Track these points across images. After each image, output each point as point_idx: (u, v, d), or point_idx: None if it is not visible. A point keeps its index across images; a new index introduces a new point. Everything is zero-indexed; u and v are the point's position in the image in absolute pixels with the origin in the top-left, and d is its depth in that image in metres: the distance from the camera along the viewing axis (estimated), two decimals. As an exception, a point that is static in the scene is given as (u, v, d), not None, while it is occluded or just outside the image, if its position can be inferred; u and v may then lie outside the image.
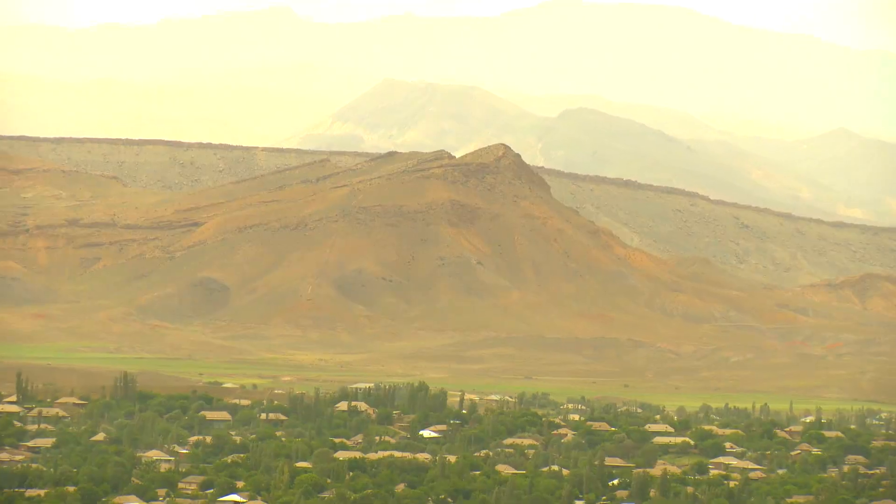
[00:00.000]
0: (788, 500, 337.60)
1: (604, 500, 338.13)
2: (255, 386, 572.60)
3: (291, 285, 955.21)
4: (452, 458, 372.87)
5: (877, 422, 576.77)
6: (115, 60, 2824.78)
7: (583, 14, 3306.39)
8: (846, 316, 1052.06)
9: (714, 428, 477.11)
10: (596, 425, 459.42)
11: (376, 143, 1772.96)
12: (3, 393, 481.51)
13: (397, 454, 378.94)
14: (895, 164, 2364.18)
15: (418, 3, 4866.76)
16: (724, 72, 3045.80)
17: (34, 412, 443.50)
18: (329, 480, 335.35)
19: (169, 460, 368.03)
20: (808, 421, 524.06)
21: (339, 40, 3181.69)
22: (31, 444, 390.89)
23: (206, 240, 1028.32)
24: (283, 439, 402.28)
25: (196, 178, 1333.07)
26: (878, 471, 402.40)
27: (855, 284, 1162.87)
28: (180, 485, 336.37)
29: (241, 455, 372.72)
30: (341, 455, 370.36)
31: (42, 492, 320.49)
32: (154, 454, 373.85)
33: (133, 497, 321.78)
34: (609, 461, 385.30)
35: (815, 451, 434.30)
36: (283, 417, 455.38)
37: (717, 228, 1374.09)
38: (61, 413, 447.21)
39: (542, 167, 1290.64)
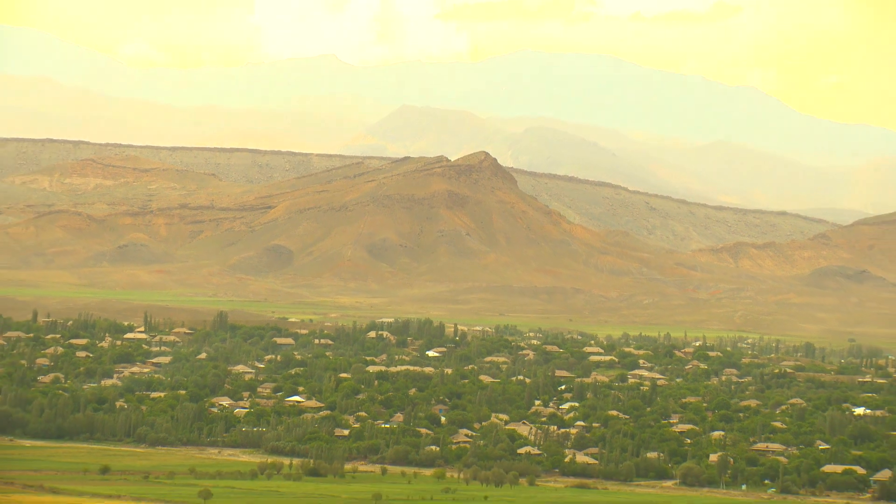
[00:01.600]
0: (683, 400, 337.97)
1: (554, 400, 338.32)
2: (311, 320, 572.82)
3: (336, 250, 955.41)
4: (449, 371, 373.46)
5: (744, 345, 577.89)
6: (214, 92, 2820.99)
7: (541, 60, 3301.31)
8: (724, 271, 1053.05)
9: (631, 350, 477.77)
10: (549, 348, 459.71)
11: (396, 150, 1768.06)
12: (134, 325, 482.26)
13: (410, 368, 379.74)
14: (758, 166, 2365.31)
15: (426, 52, 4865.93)
16: (639, 101, 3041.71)
17: (156, 339, 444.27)
18: (362, 386, 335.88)
19: (251, 372, 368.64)
20: (696, 345, 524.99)
21: (370, 78, 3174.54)
22: (154, 360, 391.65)
23: (277, 218, 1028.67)
24: (331, 357, 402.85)
25: (270, 175, 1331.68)
26: (745, 379, 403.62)
27: (730, 249, 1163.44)
28: (259, 389, 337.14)
29: (301, 368, 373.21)
30: (371, 368, 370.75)
31: (162, 394, 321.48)
32: (240, 368, 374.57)
33: (226, 398, 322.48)
34: (558, 373, 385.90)
35: (702, 365, 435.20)
36: (330, 342, 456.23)
37: (633, 210, 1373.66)
38: (175, 339, 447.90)
39: (512, 167, 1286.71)
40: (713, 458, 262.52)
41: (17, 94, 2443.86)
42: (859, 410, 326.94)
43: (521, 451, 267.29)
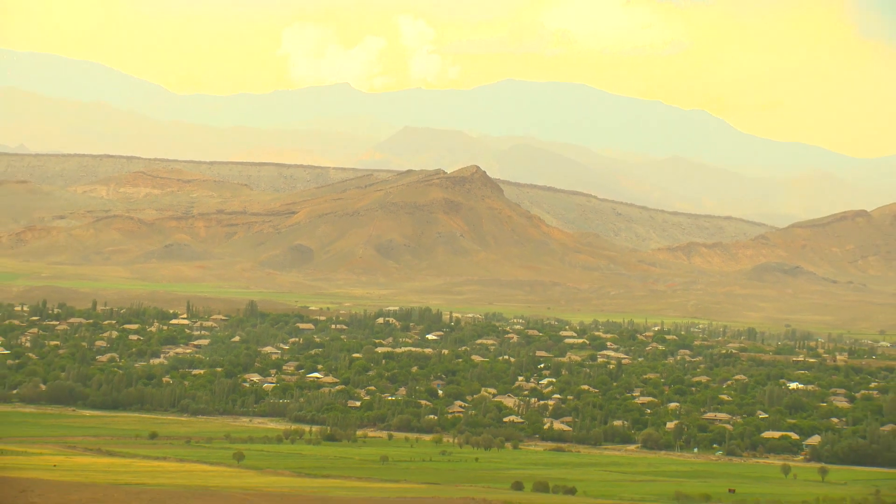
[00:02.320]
0: (644, 376, 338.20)
1: (535, 377, 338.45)
2: (328, 308, 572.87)
3: (350, 249, 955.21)
4: (446, 351, 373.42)
5: (696, 330, 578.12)
6: (246, 114, 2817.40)
7: (523, 87, 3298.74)
8: (678, 267, 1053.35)
9: (600, 333, 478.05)
10: (530, 332, 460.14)
11: (400, 164, 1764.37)
12: (178, 312, 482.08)
13: (413, 349, 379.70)
14: (707, 177, 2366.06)
15: (424, 81, 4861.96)
16: (607, 122, 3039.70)
17: (197, 324, 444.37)
18: (372, 364, 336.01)
19: (277, 352, 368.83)
20: (656, 330, 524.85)
21: (377, 103, 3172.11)
22: (195, 342, 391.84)
23: (300, 221, 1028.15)
24: (345, 340, 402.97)
25: (293, 185, 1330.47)
26: (697, 359, 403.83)
27: (684, 248, 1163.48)
28: (284, 367, 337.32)
29: (320, 349, 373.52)
30: (379, 349, 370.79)
31: (202, 371, 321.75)
32: (268, 349, 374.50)
33: (256, 374, 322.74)
34: (538, 353, 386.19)
35: (660, 347, 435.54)
36: (344, 327, 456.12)
37: (602, 215, 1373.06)
38: (213, 324, 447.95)
39: (499, 179, 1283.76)
40: (670, 425, 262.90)
41: (78, 117, 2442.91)
42: (793, 385, 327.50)
43: (507, 419, 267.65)
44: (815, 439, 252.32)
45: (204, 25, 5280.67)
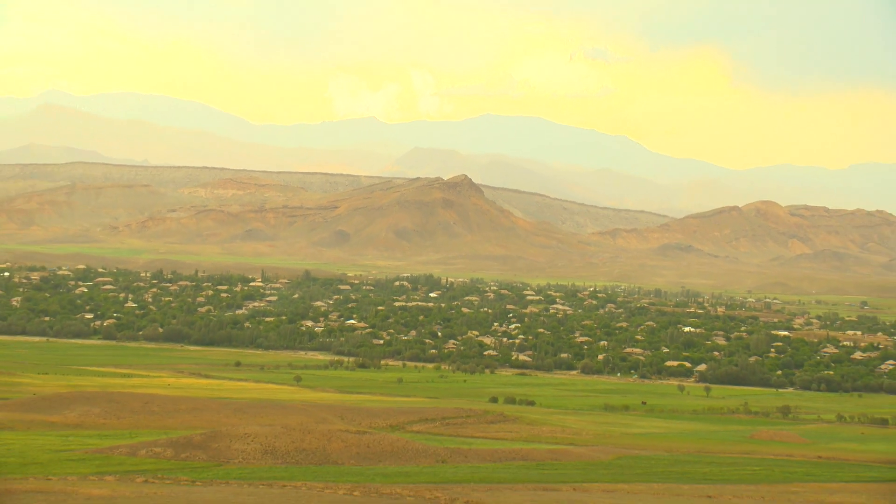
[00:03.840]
0: (583, 322, 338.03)
1: (505, 323, 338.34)
2: (360, 275, 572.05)
3: (376, 233, 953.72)
4: (443, 305, 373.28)
5: (619, 290, 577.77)
6: (304, 138, 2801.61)
7: (498, 120, 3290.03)
8: (608, 246, 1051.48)
9: (552, 293, 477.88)
10: (503, 291, 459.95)
11: (412, 174, 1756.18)
12: (255, 278, 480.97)
13: (420, 303, 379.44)
14: (628, 183, 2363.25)
15: (428, 114, 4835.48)
16: (556, 143, 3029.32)
17: (268, 286, 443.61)
18: (391, 314, 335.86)
19: (325, 305, 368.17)
20: (591, 290, 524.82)
21: (395, 130, 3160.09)
22: (267, 299, 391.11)
23: (341, 214, 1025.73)
24: (372, 297, 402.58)
25: (336, 188, 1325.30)
26: (619, 310, 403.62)
27: (611, 233, 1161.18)
28: (329, 316, 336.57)
29: (355, 303, 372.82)
30: (396, 304, 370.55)
31: (272, 318, 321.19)
32: (318, 303, 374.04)
33: (310, 321, 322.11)
34: (508, 306, 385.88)
35: (593, 302, 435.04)
36: (372, 288, 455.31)
37: (553, 210, 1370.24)
38: (280, 286, 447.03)
39: (481, 184, 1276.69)
40: (600, 357, 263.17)
41: (185, 140, 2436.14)
42: (687, 329, 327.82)
43: (486, 353, 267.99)
44: (702, 367, 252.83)
45: (274, 74, 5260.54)
